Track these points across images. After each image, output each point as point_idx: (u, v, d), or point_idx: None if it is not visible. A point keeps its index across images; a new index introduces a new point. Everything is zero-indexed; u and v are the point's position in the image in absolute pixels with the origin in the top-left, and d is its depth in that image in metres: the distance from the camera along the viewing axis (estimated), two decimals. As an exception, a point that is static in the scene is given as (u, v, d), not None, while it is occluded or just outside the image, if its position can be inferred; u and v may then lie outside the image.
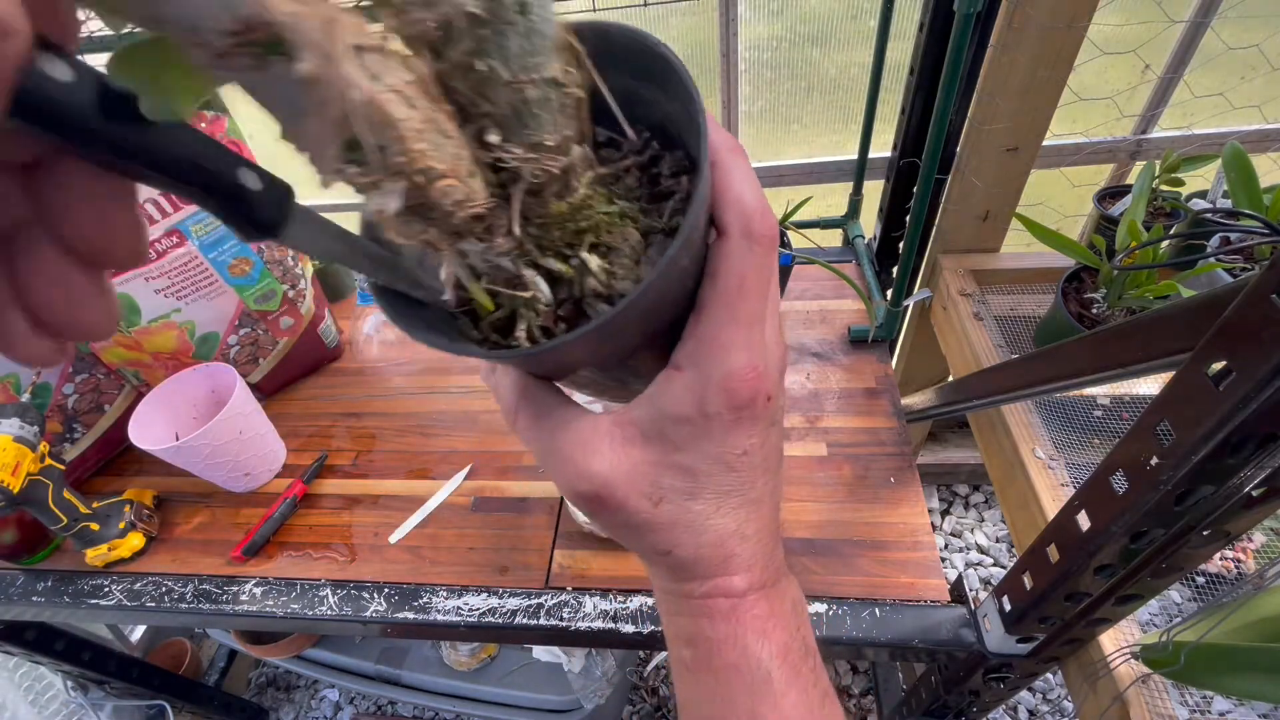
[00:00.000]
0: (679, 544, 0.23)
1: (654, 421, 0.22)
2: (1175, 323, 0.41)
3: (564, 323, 0.21)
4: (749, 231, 0.20)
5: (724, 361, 0.21)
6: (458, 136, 0.17)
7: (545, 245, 0.20)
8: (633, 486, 0.22)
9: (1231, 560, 0.64)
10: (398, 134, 0.15)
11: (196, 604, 0.70)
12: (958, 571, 1.43)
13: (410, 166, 0.16)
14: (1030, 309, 0.90)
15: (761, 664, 0.24)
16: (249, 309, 0.84)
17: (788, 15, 1.08)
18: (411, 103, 0.15)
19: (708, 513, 0.23)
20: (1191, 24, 0.99)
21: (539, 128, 0.18)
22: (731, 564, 0.24)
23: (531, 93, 0.17)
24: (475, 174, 0.18)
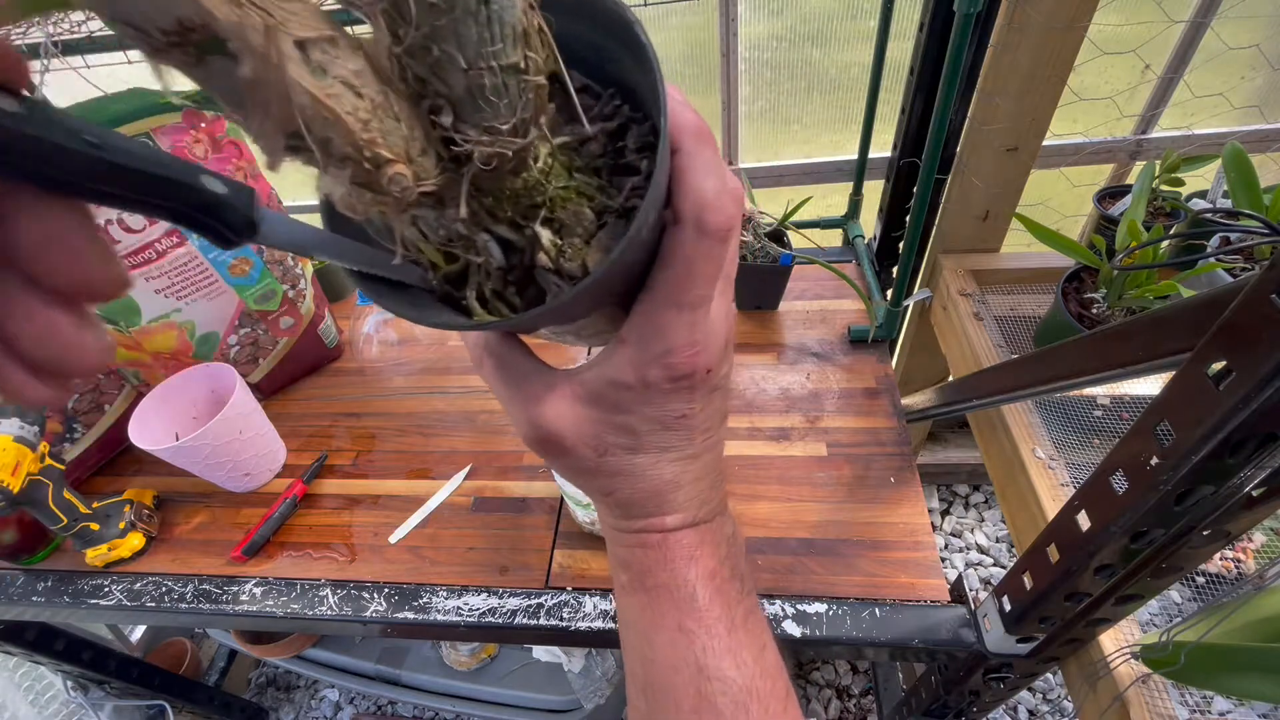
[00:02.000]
0: (619, 488, 0.26)
1: (599, 384, 0.24)
2: (1175, 323, 0.41)
3: (514, 286, 0.22)
4: (701, 223, 0.21)
5: (664, 340, 0.23)
6: (409, 117, 0.17)
7: (498, 215, 0.21)
8: (580, 438, 0.25)
9: (1231, 560, 0.64)
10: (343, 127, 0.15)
11: (196, 604, 0.70)
12: (958, 571, 1.43)
13: (356, 154, 0.16)
14: (1030, 309, 0.90)
15: (688, 583, 0.27)
16: (249, 309, 0.84)
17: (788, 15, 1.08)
18: (359, 90, 0.15)
19: (646, 464, 0.26)
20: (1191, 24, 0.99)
21: (494, 113, 0.18)
22: (665, 507, 0.27)
23: (488, 80, 0.17)
24: (427, 151, 0.18)
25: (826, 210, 1.10)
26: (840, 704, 1.30)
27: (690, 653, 0.26)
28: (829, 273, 0.95)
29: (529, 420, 0.25)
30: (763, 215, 0.89)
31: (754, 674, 0.27)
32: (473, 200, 0.20)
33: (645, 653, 0.28)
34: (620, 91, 0.22)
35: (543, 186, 0.20)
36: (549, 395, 0.25)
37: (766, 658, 0.28)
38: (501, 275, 0.22)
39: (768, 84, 1.15)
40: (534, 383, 0.25)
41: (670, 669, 0.27)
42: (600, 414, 0.24)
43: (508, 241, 0.21)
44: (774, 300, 0.94)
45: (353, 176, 0.16)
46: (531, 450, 0.26)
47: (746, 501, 0.71)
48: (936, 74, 0.79)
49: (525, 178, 0.20)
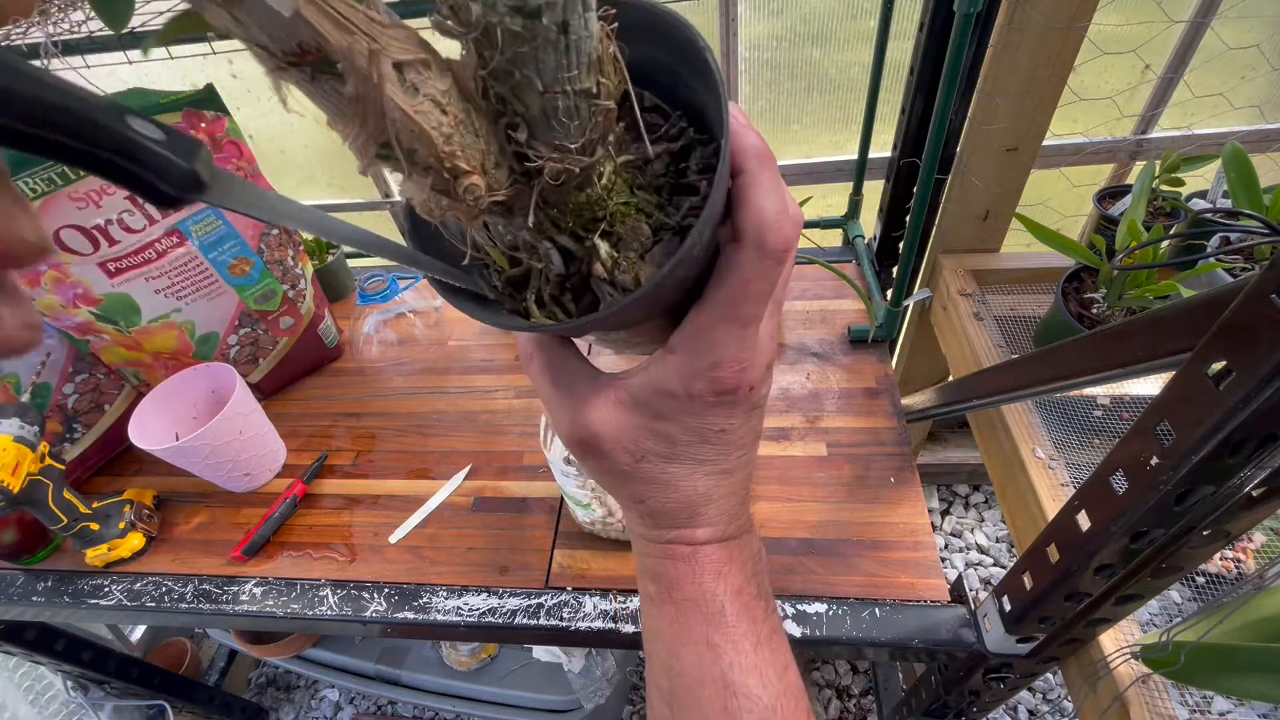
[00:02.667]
0: (652, 497, 0.27)
1: (644, 391, 0.25)
2: (1175, 323, 0.41)
3: (570, 293, 0.23)
4: (761, 243, 0.21)
5: (713, 353, 0.23)
6: (487, 133, 0.18)
7: (561, 226, 0.22)
8: (618, 442, 0.25)
9: (1231, 560, 0.64)
10: (428, 140, 0.17)
11: (196, 604, 0.70)
12: (958, 571, 1.43)
13: (437, 165, 0.17)
14: (1030, 309, 0.90)
15: (716, 598, 0.27)
16: (249, 309, 0.84)
17: (788, 15, 1.08)
18: (444, 108, 0.17)
19: (681, 475, 0.26)
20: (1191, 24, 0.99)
21: (565, 133, 0.19)
22: (696, 519, 0.27)
23: (562, 102, 0.18)
24: (501, 165, 0.19)
25: (826, 210, 1.10)
26: (840, 704, 1.30)
27: (717, 667, 0.27)
28: (829, 273, 0.95)
29: (572, 419, 0.25)
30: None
31: (778, 692, 0.27)
32: (539, 211, 0.21)
33: (672, 665, 0.28)
34: (689, 114, 0.23)
35: (604, 202, 0.21)
36: (594, 397, 0.25)
37: (789, 677, 0.28)
38: (560, 282, 0.23)
39: (768, 84, 1.15)
40: (580, 384, 0.25)
41: (697, 682, 0.27)
42: (641, 420, 0.25)
43: (568, 251, 0.22)
44: (774, 300, 0.93)
45: (433, 184, 0.18)
46: (569, 449, 0.26)
47: (746, 501, 0.71)
48: (936, 74, 0.79)
49: (589, 193, 0.21)
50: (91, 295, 0.72)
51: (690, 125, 0.23)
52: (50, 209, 0.66)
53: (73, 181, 0.66)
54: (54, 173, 0.64)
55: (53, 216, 0.66)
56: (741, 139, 0.21)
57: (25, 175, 0.63)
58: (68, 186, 0.65)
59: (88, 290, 0.72)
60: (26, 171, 0.63)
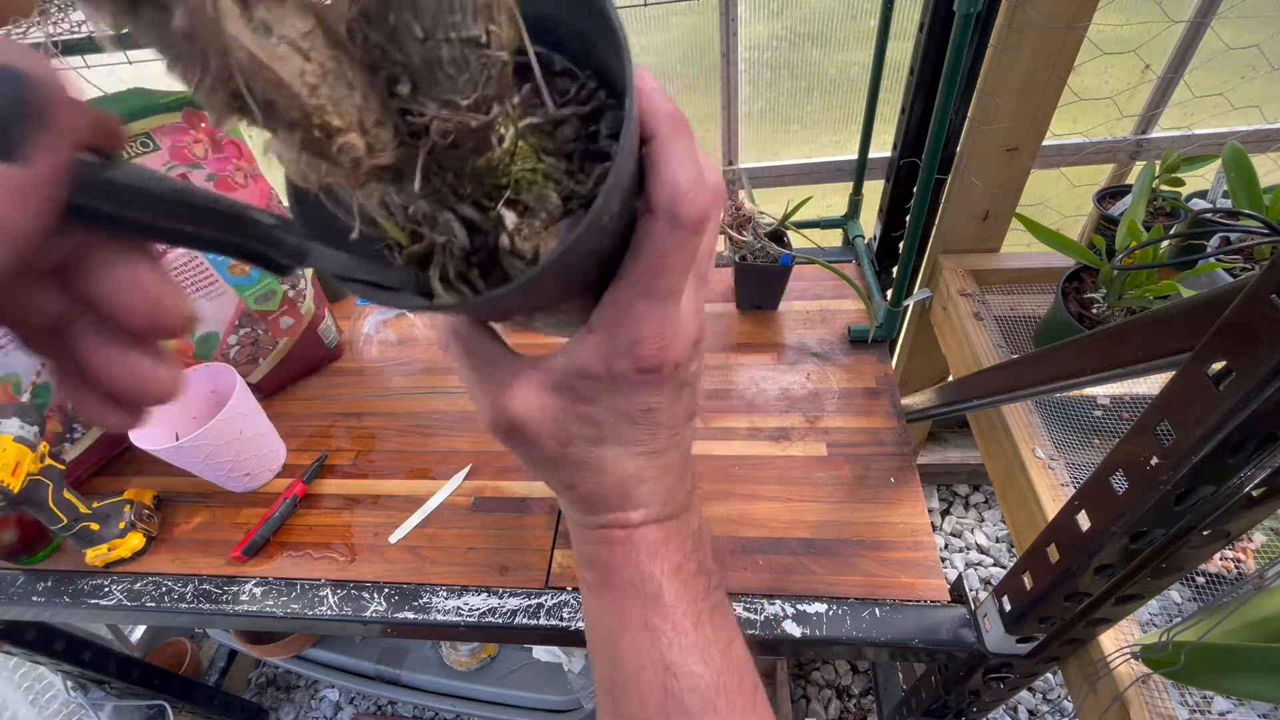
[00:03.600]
0: (582, 481, 0.26)
1: (565, 374, 0.24)
2: (1175, 323, 0.41)
3: (478, 269, 0.22)
4: (674, 214, 0.20)
5: (633, 330, 0.22)
6: (364, 86, 0.16)
7: (461, 194, 0.20)
8: (543, 427, 0.24)
9: (1231, 560, 0.64)
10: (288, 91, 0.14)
11: (196, 604, 0.70)
12: (958, 571, 1.43)
13: (304, 120, 0.15)
14: (1030, 309, 0.90)
15: (653, 579, 0.27)
16: (249, 309, 0.84)
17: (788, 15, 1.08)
18: (307, 54, 0.15)
19: (610, 458, 0.25)
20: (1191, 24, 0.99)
21: (453, 87, 0.17)
22: (628, 502, 0.26)
23: (445, 51, 0.16)
24: (384, 123, 0.17)
25: (826, 210, 1.10)
26: (840, 704, 1.30)
27: (656, 650, 0.26)
28: (829, 273, 0.95)
29: (493, 406, 0.24)
30: (763, 215, 0.89)
31: (721, 669, 0.27)
32: (435, 178, 0.19)
33: (611, 652, 0.27)
34: (602, 77, 0.21)
35: (507, 167, 0.20)
36: (514, 382, 0.24)
37: (734, 652, 0.27)
38: (464, 257, 0.21)
39: (768, 84, 1.15)
40: (500, 369, 0.25)
41: (636, 667, 0.26)
42: (565, 403, 0.24)
43: (472, 223, 0.21)
44: (774, 300, 0.93)
45: (302, 143, 0.16)
46: (494, 437, 0.26)
47: (746, 501, 0.71)
48: (936, 74, 0.79)
49: (489, 157, 0.19)
50: (91, 295, 0.72)
51: (603, 88, 0.21)
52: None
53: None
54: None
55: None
56: (652, 102, 0.20)
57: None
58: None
59: (88, 290, 0.72)
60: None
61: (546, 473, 0.26)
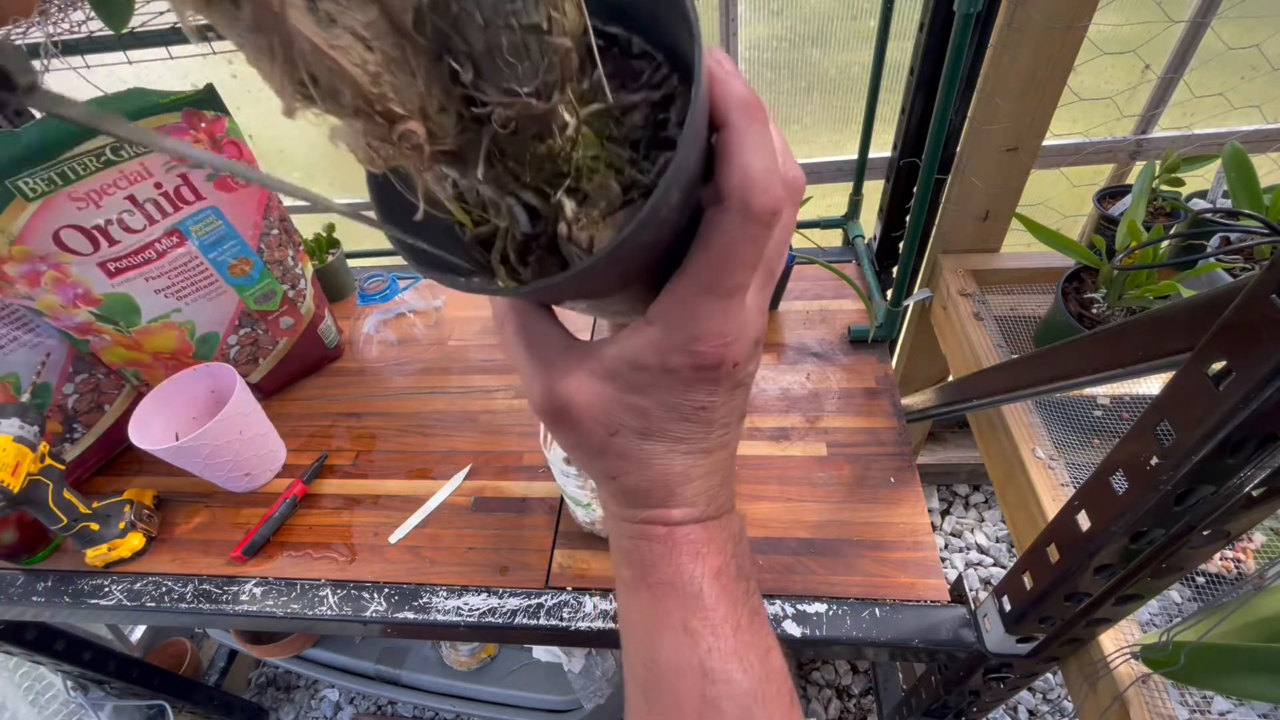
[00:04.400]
0: (626, 473, 0.25)
1: (618, 363, 0.23)
2: (1175, 323, 0.41)
3: (540, 253, 0.22)
4: (746, 205, 0.19)
5: (694, 326, 0.21)
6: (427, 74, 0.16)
7: (524, 180, 0.20)
8: (591, 414, 0.24)
9: (1231, 560, 0.64)
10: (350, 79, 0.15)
11: (196, 604, 0.70)
12: (958, 571, 1.43)
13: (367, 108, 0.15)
14: (1030, 309, 0.90)
15: (694, 580, 0.26)
16: (249, 309, 0.84)
17: (788, 15, 1.08)
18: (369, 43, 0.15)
19: (658, 452, 0.25)
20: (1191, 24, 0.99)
21: (514, 74, 0.17)
22: (672, 500, 0.26)
23: (506, 38, 0.16)
24: (446, 110, 0.17)
25: (826, 210, 1.10)
26: (840, 704, 1.30)
27: (695, 654, 0.25)
28: (829, 273, 0.95)
29: (545, 388, 0.24)
30: (763, 215, 0.89)
31: (760, 677, 0.26)
32: (497, 164, 0.19)
33: (647, 653, 0.27)
34: (676, 62, 0.21)
35: (569, 154, 0.19)
36: (568, 365, 0.24)
37: (771, 661, 0.27)
38: (526, 242, 0.21)
39: (768, 84, 1.15)
40: (554, 351, 0.24)
41: (674, 671, 0.26)
42: (615, 392, 0.24)
43: (534, 209, 0.21)
44: (774, 300, 0.94)
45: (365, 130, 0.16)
46: (541, 418, 0.25)
47: (746, 501, 0.71)
48: (936, 74, 0.79)
49: (550, 144, 0.19)
50: (91, 295, 0.72)
51: (677, 72, 0.21)
52: (50, 209, 0.66)
53: (73, 181, 0.66)
54: (54, 173, 0.64)
55: (53, 216, 0.66)
56: (724, 87, 0.19)
57: (25, 175, 0.63)
58: (67, 187, 0.65)
59: (88, 290, 0.72)
60: (27, 171, 0.63)
61: (590, 460, 0.26)
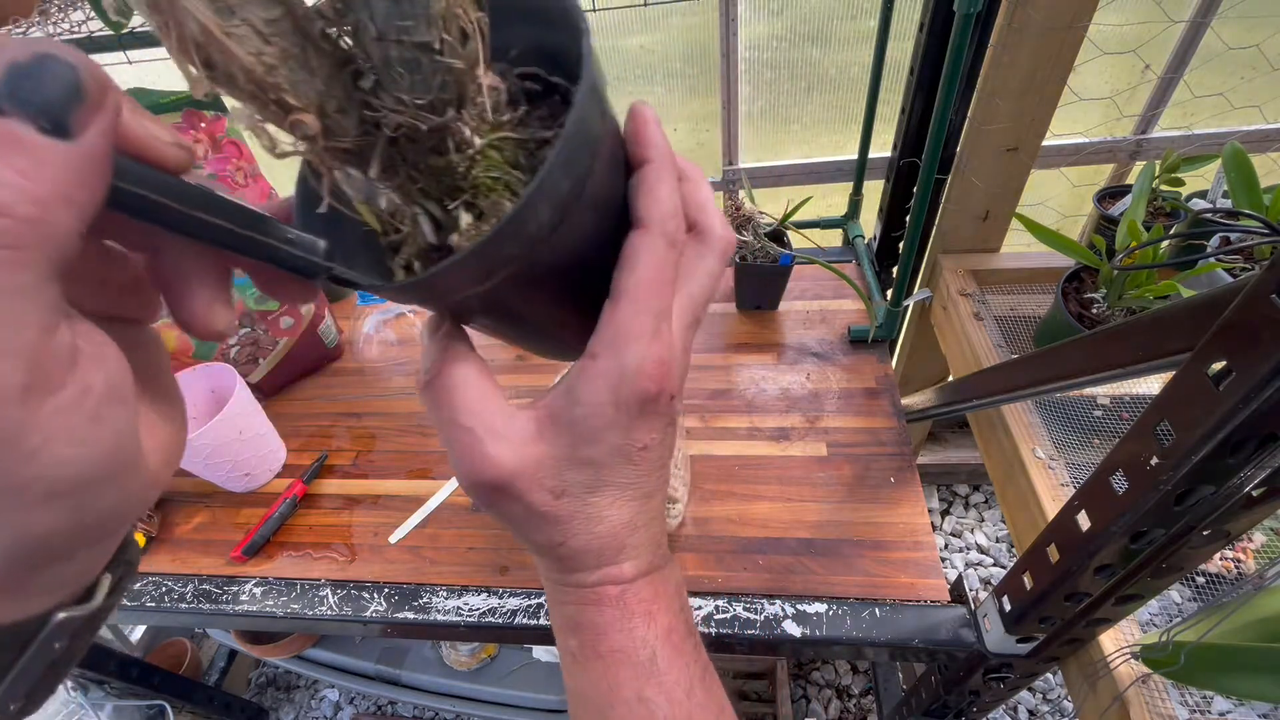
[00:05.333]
0: (575, 535, 0.24)
1: (567, 410, 0.22)
2: (1175, 323, 0.41)
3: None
4: (666, 228, 0.21)
5: (636, 352, 0.21)
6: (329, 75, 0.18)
7: (429, 192, 0.21)
8: (536, 479, 0.23)
9: (1231, 560, 0.64)
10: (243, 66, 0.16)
11: (196, 604, 0.70)
12: (958, 571, 1.43)
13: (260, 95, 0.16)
14: (1030, 309, 0.90)
15: (647, 644, 0.25)
16: (249, 309, 0.84)
17: (788, 15, 1.08)
18: (268, 38, 0.16)
19: (604, 505, 0.24)
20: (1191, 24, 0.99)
21: (407, 86, 0.18)
22: (622, 554, 0.25)
23: (396, 52, 0.17)
24: (346, 111, 0.18)
25: (826, 210, 1.10)
26: (840, 704, 1.30)
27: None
28: (829, 273, 0.95)
29: (480, 457, 0.22)
30: (763, 215, 0.89)
31: None
32: (401, 171, 0.20)
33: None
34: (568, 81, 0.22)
35: (467, 170, 0.20)
36: (506, 428, 0.22)
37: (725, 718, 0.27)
38: (429, 253, 0.22)
39: (768, 84, 1.15)
40: (490, 413, 0.22)
41: None
42: (564, 449, 0.23)
43: (438, 221, 0.21)
44: (774, 300, 0.94)
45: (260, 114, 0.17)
46: (474, 494, 0.23)
47: (747, 501, 0.71)
48: (936, 74, 0.79)
49: (447, 159, 0.20)
50: (91, 295, 0.72)
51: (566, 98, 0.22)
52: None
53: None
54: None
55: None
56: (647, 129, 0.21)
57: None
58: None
59: (88, 290, 0.72)
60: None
61: (534, 531, 0.24)
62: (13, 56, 0.12)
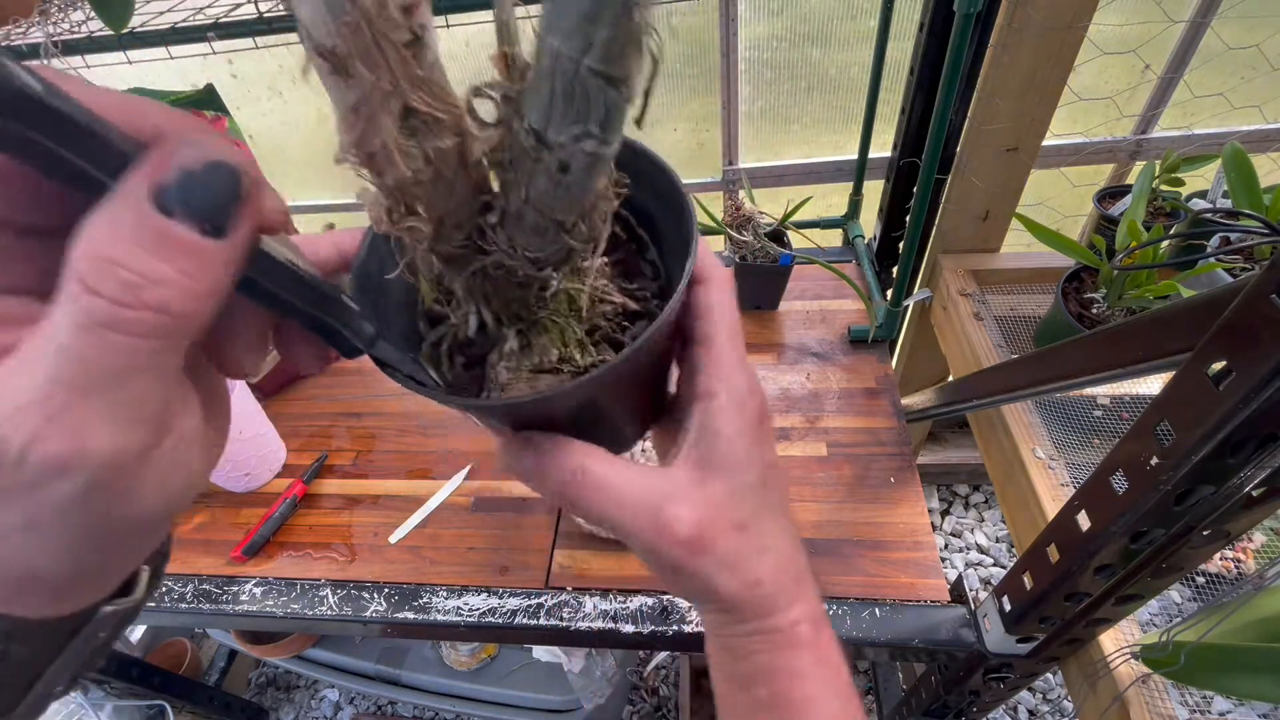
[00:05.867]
0: (765, 569, 0.23)
1: (712, 448, 0.22)
2: (1175, 323, 0.41)
3: (465, 360, 0.24)
4: (723, 279, 0.24)
5: (741, 381, 0.23)
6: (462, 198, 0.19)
7: (490, 301, 0.23)
8: (722, 519, 0.22)
9: (1231, 560, 0.64)
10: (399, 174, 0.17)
11: (196, 604, 0.70)
12: (958, 571, 1.43)
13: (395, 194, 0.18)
14: (1030, 309, 0.90)
15: (839, 693, 0.24)
16: (249, 309, 0.84)
17: (788, 15, 1.08)
18: (431, 160, 0.18)
19: (773, 532, 0.23)
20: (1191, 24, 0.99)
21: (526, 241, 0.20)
22: (803, 584, 0.24)
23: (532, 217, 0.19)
24: (463, 227, 0.20)
25: (826, 210, 1.10)
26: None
27: None
28: (829, 273, 0.95)
29: (662, 524, 0.21)
30: (763, 215, 0.89)
31: None
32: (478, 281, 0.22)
33: None
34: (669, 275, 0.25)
35: (536, 309, 0.22)
36: (669, 486, 0.22)
37: None
38: (460, 346, 0.24)
39: (768, 84, 1.15)
40: (648, 481, 0.22)
41: None
42: (726, 482, 0.22)
43: (486, 327, 0.23)
44: (774, 300, 0.94)
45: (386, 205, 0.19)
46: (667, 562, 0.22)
47: (746, 501, 0.71)
48: (936, 74, 0.79)
49: (525, 294, 0.22)
50: (91, 295, 0.72)
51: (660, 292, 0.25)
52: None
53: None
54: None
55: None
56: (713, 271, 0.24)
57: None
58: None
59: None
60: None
61: (729, 578, 0.22)
62: (186, 162, 0.13)
